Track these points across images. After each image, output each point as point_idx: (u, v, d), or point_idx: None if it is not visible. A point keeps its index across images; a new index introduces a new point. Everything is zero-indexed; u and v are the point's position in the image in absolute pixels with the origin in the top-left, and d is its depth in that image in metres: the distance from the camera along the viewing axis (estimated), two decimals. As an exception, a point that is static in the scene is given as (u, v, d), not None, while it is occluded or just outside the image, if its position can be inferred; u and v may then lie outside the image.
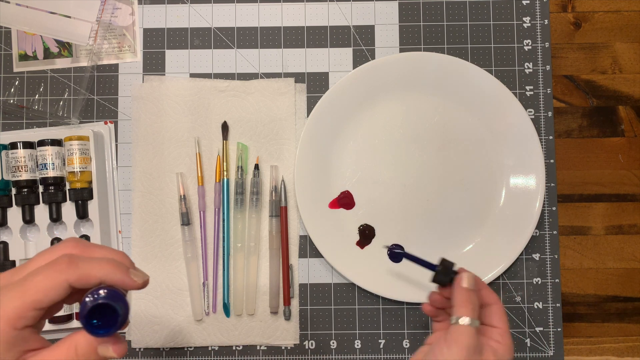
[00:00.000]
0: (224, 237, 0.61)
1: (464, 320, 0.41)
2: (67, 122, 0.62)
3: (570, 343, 0.61)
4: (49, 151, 0.58)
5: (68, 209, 0.59)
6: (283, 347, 0.60)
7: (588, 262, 0.62)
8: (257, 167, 0.61)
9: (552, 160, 0.62)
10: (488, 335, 0.43)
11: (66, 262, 0.33)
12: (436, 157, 0.62)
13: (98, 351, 0.34)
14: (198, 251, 0.61)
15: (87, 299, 0.32)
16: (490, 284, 0.60)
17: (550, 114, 0.62)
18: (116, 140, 0.62)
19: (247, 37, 0.63)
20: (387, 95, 0.62)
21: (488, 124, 0.61)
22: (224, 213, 0.61)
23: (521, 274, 0.61)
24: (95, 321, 0.33)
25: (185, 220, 0.60)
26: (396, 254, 0.60)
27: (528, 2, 0.64)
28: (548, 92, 0.63)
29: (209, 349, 0.61)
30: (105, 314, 0.33)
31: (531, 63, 0.63)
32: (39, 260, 0.35)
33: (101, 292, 0.33)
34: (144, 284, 0.35)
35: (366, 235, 0.61)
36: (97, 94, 0.63)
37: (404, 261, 0.61)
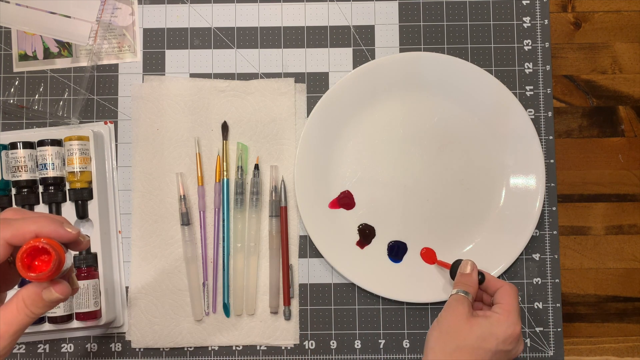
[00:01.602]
0: (224, 237, 0.61)
1: (454, 291, 0.52)
2: (67, 122, 0.62)
3: (570, 343, 0.61)
4: (49, 151, 0.57)
5: (68, 209, 0.59)
6: (283, 347, 0.60)
7: (588, 262, 0.62)
8: (257, 167, 0.61)
9: (552, 160, 0.62)
10: (493, 310, 0.50)
11: (1, 223, 0.35)
12: (436, 157, 0.62)
13: (43, 296, 0.36)
14: (198, 251, 0.61)
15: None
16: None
17: (550, 114, 0.62)
18: (116, 140, 0.62)
19: (247, 37, 0.63)
20: (387, 95, 0.62)
21: (488, 124, 0.61)
22: (223, 213, 0.61)
23: (521, 274, 0.61)
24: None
25: (185, 221, 0.60)
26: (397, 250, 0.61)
27: (528, 2, 0.64)
28: (548, 92, 0.63)
29: (209, 349, 0.61)
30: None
31: (531, 63, 0.63)
32: None
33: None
34: (81, 240, 0.38)
35: (366, 234, 0.61)
36: (97, 94, 0.63)
37: (404, 261, 0.61)
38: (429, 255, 0.61)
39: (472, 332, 0.48)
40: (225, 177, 0.61)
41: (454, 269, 0.56)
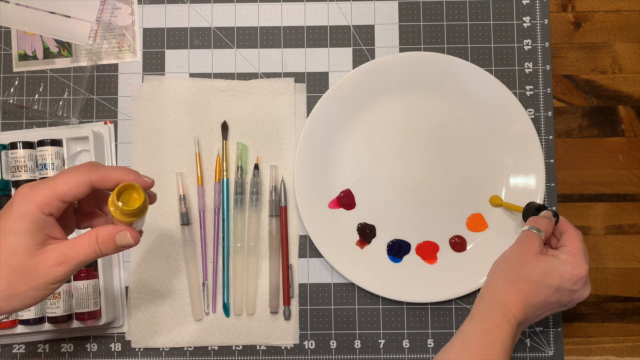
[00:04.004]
0: (223, 237, 0.61)
1: (525, 228, 0.53)
2: (67, 122, 0.62)
3: (570, 343, 0.61)
4: (48, 151, 0.57)
5: (68, 209, 0.59)
6: (283, 347, 0.60)
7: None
8: (257, 167, 0.61)
9: (552, 160, 0.62)
10: (561, 251, 0.51)
11: (89, 165, 0.40)
12: (436, 156, 0.62)
13: (116, 239, 0.40)
14: (198, 251, 0.61)
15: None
16: (490, 284, 0.60)
17: (550, 113, 0.62)
18: (116, 140, 0.62)
19: (247, 37, 0.63)
20: (387, 95, 0.62)
21: (488, 124, 0.61)
22: (223, 213, 0.61)
23: (521, 273, 0.61)
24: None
25: (185, 220, 0.60)
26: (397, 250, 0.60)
27: (528, 1, 0.63)
28: (548, 91, 0.63)
29: (209, 349, 0.61)
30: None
31: (531, 63, 0.63)
32: (66, 171, 0.41)
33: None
34: (152, 183, 0.42)
35: (366, 234, 0.61)
36: (96, 93, 0.63)
37: (404, 261, 0.61)
38: (428, 251, 0.61)
39: (538, 267, 0.49)
40: (225, 177, 0.61)
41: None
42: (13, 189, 0.59)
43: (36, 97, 0.62)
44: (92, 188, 0.40)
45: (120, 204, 0.39)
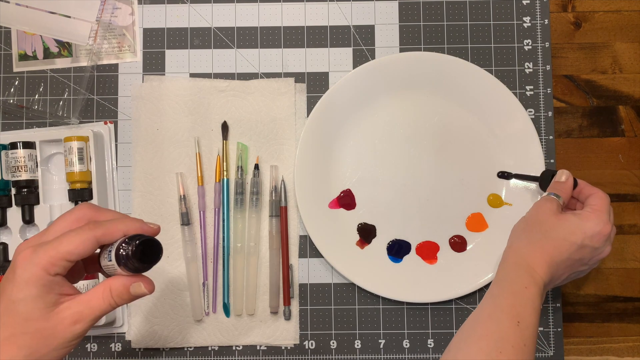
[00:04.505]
0: (224, 237, 0.61)
1: (545, 194, 0.53)
2: (67, 122, 0.62)
3: (570, 343, 0.61)
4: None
5: (68, 209, 0.59)
6: (283, 347, 0.60)
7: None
8: (257, 167, 0.61)
9: (552, 160, 0.62)
10: (584, 209, 0.51)
11: (92, 223, 0.39)
12: (436, 156, 0.62)
13: (130, 290, 0.39)
14: (198, 251, 0.61)
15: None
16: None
17: (550, 113, 0.62)
18: (116, 141, 0.62)
19: (247, 37, 0.63)
20: (387, 95, 0.62)
21: (488, 124, 0.61)
22: (224, 213, 0.61)
23: (521, 274, 0.61)
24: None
25: (185, 220, 0.60)
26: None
27: (528, 2, 0.63)
28: (548, 92, 0.63)
29: (209, 349, 0.61)
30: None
31: (531, 63, 0.63)
32: (62, 223, 0.40)
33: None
34: (159, 229, 0.41)
35: (366, 233, 0.61)
36: (97, 94, 0.63)
37: (404, 261, 0.61)
38: (428, 251, 0.61)
39: (559, 225, 0.49)
40: (225, 177, 0.61)
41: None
42: (13, 189, 0.59)
43: (36, 97, 0.62)
44: (98, 244, 0.39)
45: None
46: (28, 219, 0.59)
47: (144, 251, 0.38)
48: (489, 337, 0.44)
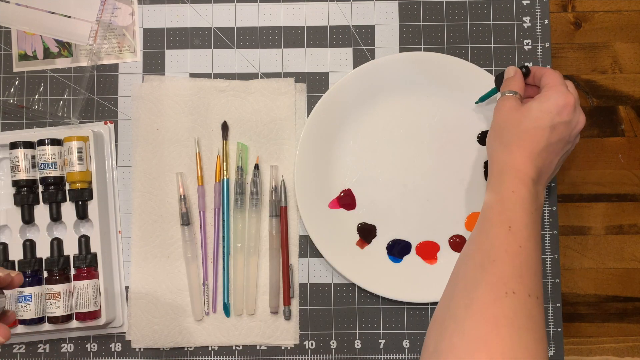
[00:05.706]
0: (224, 237, 0.61)
1: (499, 95, 0.52)
2: (67, 122, 0.62)
3: (570, 343, 0.61)
4: (48, 151, 0.57)
5: (68, 209, 0.59)
6: (283, 347, 0.60)
7: (588, 262, 0.62)
8: (257, 167, 0.61)
9: (552, 160, 0.62)
10: (540, 92, 0.50)
11: None
12: (436, 156, 0.62)
13: None
14: (198, 251, 0.61)
15: None
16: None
17: (550, 114, 0.62)
18: (116, 140, 0.62)
19: (247, 37, 0.63)
20: (387, 95, 0.62)
21: (488, 124, 0.61)
22: (224, 213, 0.61)
23: (521, 274, 0.61)
24: None
25: (185, 220, 0.60)
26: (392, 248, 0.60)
27: (528, 2, 0.63)
28: (548, 92, 0.63)
29: (209, 349, 0.61)
30: None
31: (531, 63, 0.63)
32: None
33: None
34: (13, 279, 0.41)
35: (366, 233, 0.61)
36: (97, 93, 0.63)
37: (404, 261, 0.61)
38: (428, 251, 0.61)
39: (524, 117, 0.47)
40: (225, 177, 0.61)
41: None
42: (13, 189, 0.59)
43: (36, 97, 0.62)
44: None
45: None
46: (27, 219, 0.59)
47: None
48: (480, 250, 0.43)
